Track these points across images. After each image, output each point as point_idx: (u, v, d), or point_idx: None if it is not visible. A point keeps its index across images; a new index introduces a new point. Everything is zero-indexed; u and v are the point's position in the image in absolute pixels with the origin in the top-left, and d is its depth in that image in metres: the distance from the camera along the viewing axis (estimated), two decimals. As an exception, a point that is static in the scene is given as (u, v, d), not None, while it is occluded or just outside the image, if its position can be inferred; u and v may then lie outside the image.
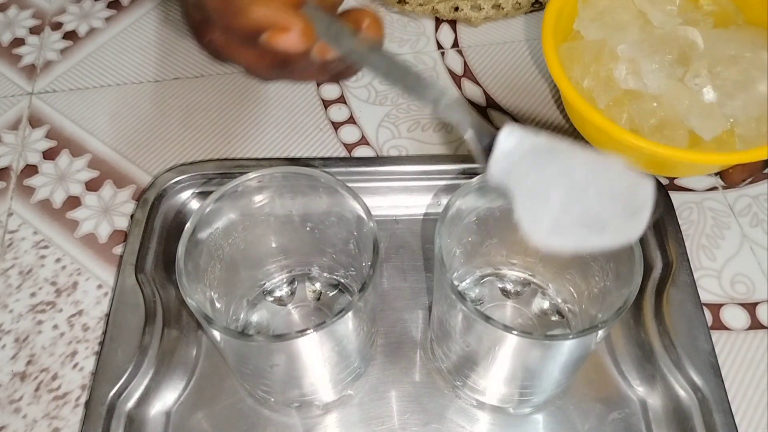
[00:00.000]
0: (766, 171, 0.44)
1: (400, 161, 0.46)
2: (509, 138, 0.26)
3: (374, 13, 0.28)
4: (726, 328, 0.40)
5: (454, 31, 0.55)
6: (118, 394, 0.37)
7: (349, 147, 0.48)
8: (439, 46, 0.54)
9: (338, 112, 0.50)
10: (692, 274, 0.40)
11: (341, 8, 0.29)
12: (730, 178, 0.40)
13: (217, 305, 0.36)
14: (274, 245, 0.39)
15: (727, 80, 0.40)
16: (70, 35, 0.56)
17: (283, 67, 0.29)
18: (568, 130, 0.49)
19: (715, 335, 0.40)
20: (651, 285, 0.40)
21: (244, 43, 0.28)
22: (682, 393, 0.37)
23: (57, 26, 0.57)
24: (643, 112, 0.40)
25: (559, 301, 0.39)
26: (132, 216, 0.45)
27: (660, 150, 0.37)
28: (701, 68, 0.40)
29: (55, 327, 0.41)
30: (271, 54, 0.28)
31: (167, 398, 0.38)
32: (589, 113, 0.39)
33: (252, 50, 0.29)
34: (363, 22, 0.28)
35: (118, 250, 0.44)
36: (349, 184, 0.34)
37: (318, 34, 0.27)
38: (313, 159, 0.47)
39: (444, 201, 0.44)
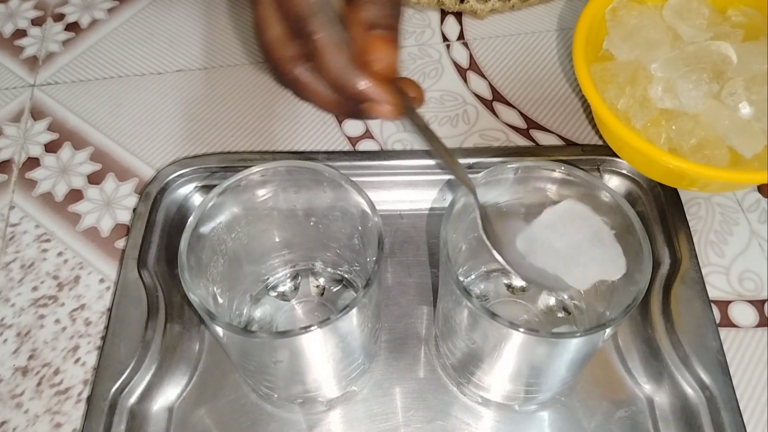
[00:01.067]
0: None
1: (405, 155, 0.45)
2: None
3: (416, 83, 0.33)
4: (734, 326, 0.40)
5: (460, 23, 0.55)
6: (121, 389, 0.37)
7: (353, 141, 0.48)
8: (445, 39, 0.54)
9: (342, 106, 0.50)
10: (700, 271, 0.40)
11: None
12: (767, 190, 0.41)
13: (220, 300, 0.36)
14: (277, 240, 0.39)
15: (762, 94, 0.40)
16: (73, 27, 0.55)
17: (355, 115, 0.32)
18: (571, 125, 0.48)
19: (723, 332, 0.39)
20: (659, 281, 0.40)
21: (334, 91, 0.31)
22: (689, 391, 0.37)
23: (59, 17, 0.56)
24: (681, 132, 0.40)
25: (566, 297, 0.39)
26: (134, 210, 0.44)
27: (704, 171, 0.37)
28: (737, 84, 0.40)
29: (57, 321, 0.41)
30: (352, 105, 0.31)
31: (170, 394, 0.38)
32: (628, 136, 0.38)
33: (335, 97, 0.32)
34: (409, 90, 0.33)
35: (120, 244, 0.44)
36: (354, 179, 0.34)
37: None
38: (317, 153, 0.47)
39: (449, 196, 0.44)
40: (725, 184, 0.42)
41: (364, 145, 0.48)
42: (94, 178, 0.47)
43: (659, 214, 0.42)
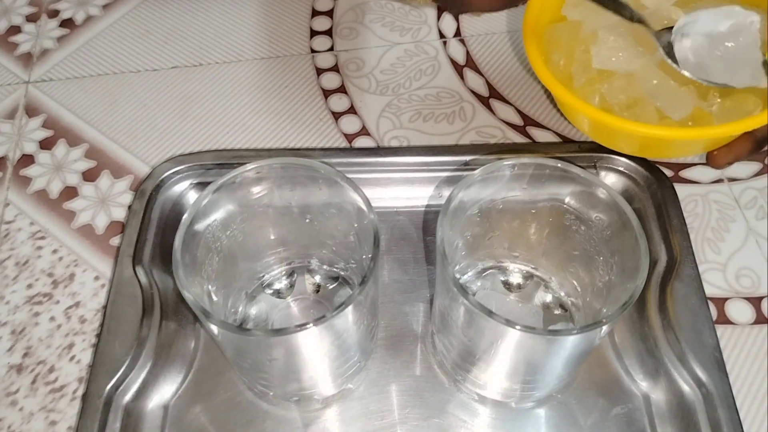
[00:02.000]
0: (751, 157, 0.43)
1: (401, 152, 0.45)
2: None
3: None
4: (731, 323, 0.40)
5: (457, 20, 0.54)
6: (116, 387, 0.36)
7: (349, 137, 0.48)
8: (441, 35, 0.54)
9: (338, 102, 0.50)
10: (697, 268, 0.40)
11: None
12: (715, 160, 0.40)
13: (215, 298, 0.36)
14: (273, 237, 0.39)
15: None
16: (67, 23, 0.55)
17: None
18: (567, 122, 0.48)
19: (720, 330, 0.39)
20: (655, 278, 0.40)
21: None
22: (686, 388, 0.36)
23: (54, 14, 0.56)
24: (612, 90, 0.40)
25: (562, 294, 0.39)
26: (129, 207, 0.44)
27: (642, 129, 0.37)
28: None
29: (52, 319, 0.41)
30: None
31: (165, 391, 0.38)
32: (558, 90, 0.38)
33: None
34: None
35: (115, 241, 0.44)
36: (350, 176, 0.34)
37: None
38: (313, 150, 0.46)
39: (446, 193, 0.44)
40: (661, 146, 0.41)
41: (361, 142, 0.47)
42: (89, 176, 0.47)
43: (656, 211, 0.42)
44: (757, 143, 0.38)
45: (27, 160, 0.47)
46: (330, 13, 0.55)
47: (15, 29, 0.55)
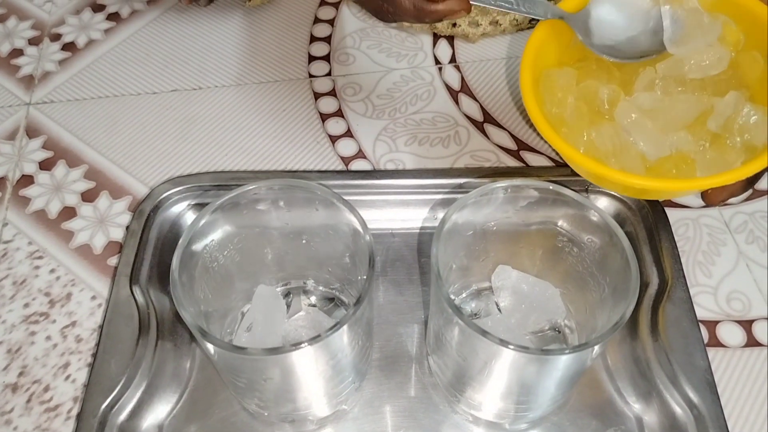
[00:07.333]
0: (745, 194, 0.43)
1: (396, 175, 0.46)
2: None
3: None
4: (722, 345, 0.40)
5: (452, 46, 0.55)
6: (111, 406, 0.37)
7: (346, 160, 0.48)
8: (437, 62, 0.55)
9: (335, 126, 0.50)
10: (688, 291, 0.40)
11: None
12: (710, 198, 0.40)
13: (212, 317, 0.36)
14: (269, 258, 0.39)
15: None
16: (69, 46, 0.56)
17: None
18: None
19: (711, 352, 0.40)
20: (647, 301, 0.40)
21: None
22: (678, 410, 0.37)
23: (56, 37, 0.57)
24: (601, 137, 0.39)
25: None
26: (127, 227, 0.45)
27: (640, 182, 0.36)
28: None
29: (48, 338, 0.41)
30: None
31: (160, 411, 0.38)
32: (548, 134, 0.37)
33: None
34: None
35: (112, 261, 0.44)
36: (346, 197, 0.34)
37: None
38: (310, 172, 0.47)
39: (440, 215, 0.44)
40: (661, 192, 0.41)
41: (357, 165, 0.48)
42: (88, 196, 0.47)
43: (647, 235, 0.42)
44: (748, 180, 0.38)
45: (26, 180, 0.48)
46: (328, 39, 0.56)
47: (17, 52, 0.56)
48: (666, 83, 0.40)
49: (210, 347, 0.31)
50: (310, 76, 0.54)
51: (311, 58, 0.55)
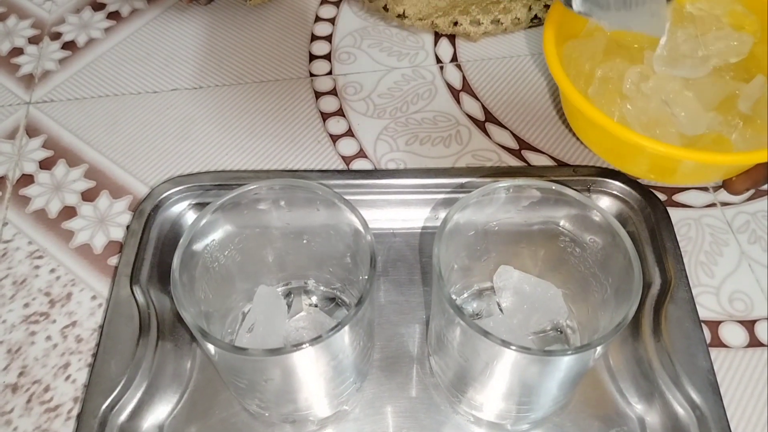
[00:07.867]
0: (747, 193, 0.43)
1: (398, 174, 0.46)
2: None
3: None
4: (725, 346, 0.40)
5: (453, 45, 0.55)
6: (111, 406, 0.36)
7: (347, 160, 0.48)
8: (438, 60, 0.54)
9: (336, 125, 0.50)
10: (690, 291, 0.40)
11: None
12: (733, 187, 0.39)
13: (212, 318, 0.36)
14: (270, 258, 0.39)
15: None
16: (69, 45, 0.56)
17: None
18: (563, 146, 0.49)
19: (714, 353, 0.40)
20: (649, 301, 0.40)
21: None
22: (680, 411, 0.37)
23: (56, 36, 0.57)
24: (635, 110, 0.40)
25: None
26: (128, 227, 0.45)
27: (665, 149, 0.36)
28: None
29: (48, 338, 0.41)
30: None
31: (160, 411, 0.38)
32: (583, 105, 0.38)
33: None
34: None
35: (113, 261, 0.44)
36: (347, 197, 0.34)
37: None
38: (311, 171, 0.47)
39: (442, 214, 0.44)
40: (689, 171, 0.41)
41: (358, 164, 0.48)
42: (88, 196, 0.47)
43: (649, 235, 0.42)
44: None
45: (26, 179, 0.48)
46: (329, 38, 0.56)
47: (17, 51, 0.56)
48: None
49: (211, 348, 0.31)
50: (311, 75, 0.53)
51: (312, 57, 0.55)
